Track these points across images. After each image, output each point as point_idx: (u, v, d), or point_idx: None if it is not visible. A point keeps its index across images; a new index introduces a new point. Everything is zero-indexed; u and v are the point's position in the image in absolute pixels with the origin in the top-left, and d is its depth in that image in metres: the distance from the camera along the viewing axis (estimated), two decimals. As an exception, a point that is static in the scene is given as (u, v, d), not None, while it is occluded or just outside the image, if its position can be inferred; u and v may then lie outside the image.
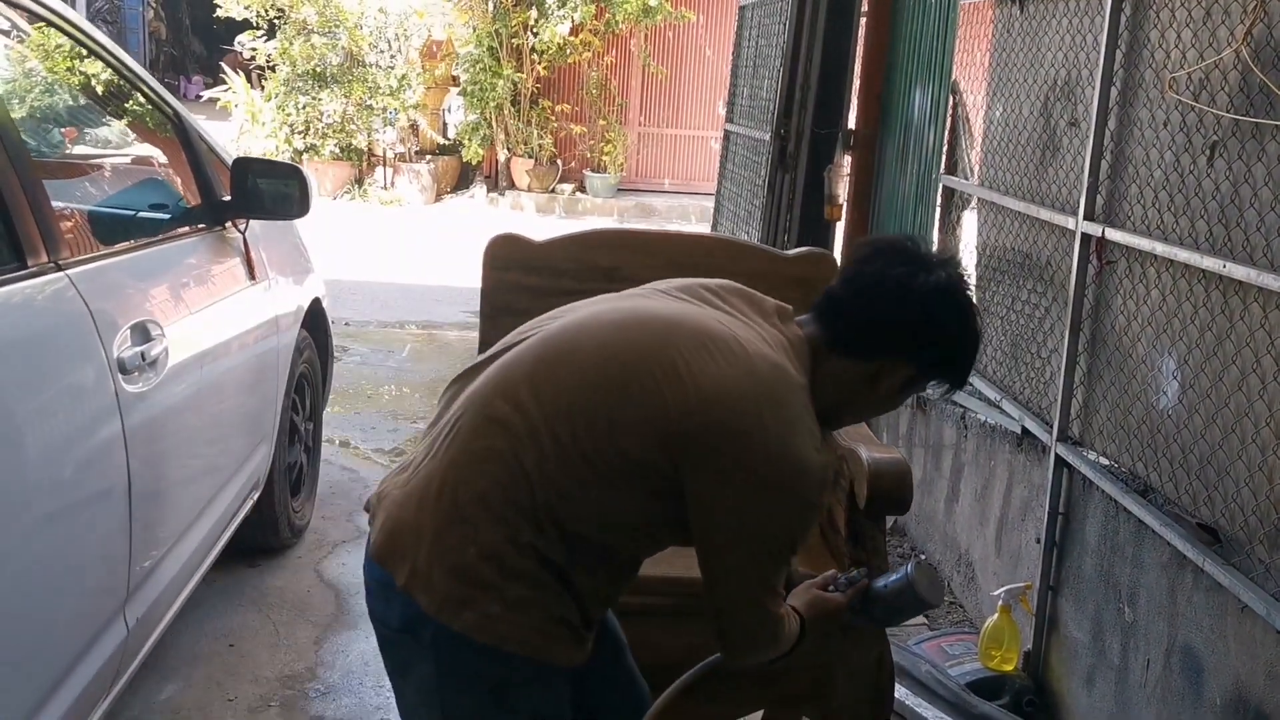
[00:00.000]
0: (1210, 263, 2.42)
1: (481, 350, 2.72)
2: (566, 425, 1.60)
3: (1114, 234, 2.85)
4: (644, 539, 1.73)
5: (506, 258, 2.72)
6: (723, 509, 1.59)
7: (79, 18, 2.74)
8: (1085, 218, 2.99)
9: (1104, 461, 2.93)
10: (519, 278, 2.72)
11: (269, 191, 3.07)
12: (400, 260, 9.47)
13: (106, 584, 2.17)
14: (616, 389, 1.60)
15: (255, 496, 3.34)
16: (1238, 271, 2.32)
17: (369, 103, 12.80)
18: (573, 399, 1.61)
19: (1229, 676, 2.32)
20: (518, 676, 1.64)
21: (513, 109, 13.13)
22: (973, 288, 1.83)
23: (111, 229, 2.94)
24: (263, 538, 3.63)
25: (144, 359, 2.30)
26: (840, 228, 4.96)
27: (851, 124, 5.03)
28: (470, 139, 13.04)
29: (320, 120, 12.81)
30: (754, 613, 1.69)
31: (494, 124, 13.15)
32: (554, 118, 13.42)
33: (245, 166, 3.06)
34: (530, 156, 13.33)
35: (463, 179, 14.08)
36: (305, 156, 12.57)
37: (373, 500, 1.74)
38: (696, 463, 1.58)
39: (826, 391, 1.70)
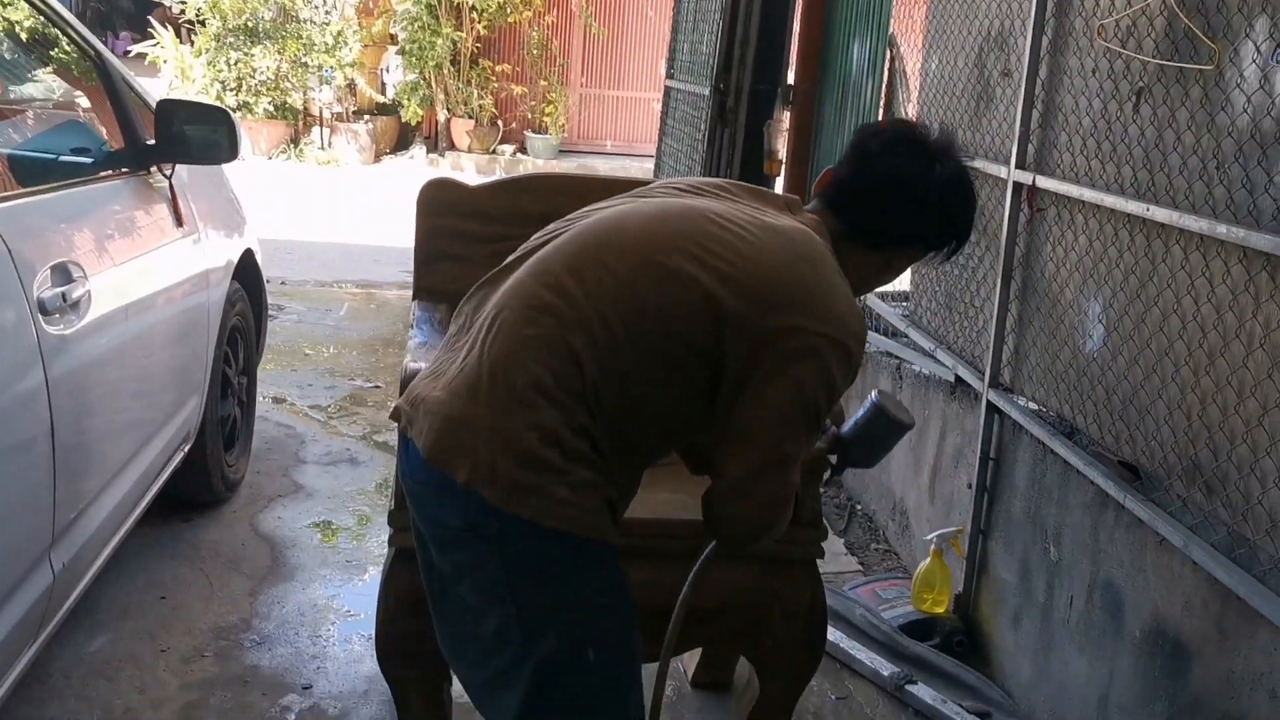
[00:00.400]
0: (1135, 207, 2.46)
1: (415, 296, 2.70)
2: (615, 310, 1.61)
3: (1045, 181, 2.89)
4: (663, 435, 1.75)
5: (440, 202, 2.70)
6: (772, 377, 1.60)
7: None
8: (1017, 166, 3.02)
9: (1033, 406, 2.99)
10: (454, 223, 2.70)
11: (195, 136, 3.01)
12: (338, 220, 9.35)
13: (30, 528, 2.14)
14: (664, 274, 1.61)
15: (186, 449, 3.29)
16: (1160, 214, 2.37)
17: (304, 60, 12.56)
18: (620, 285, 1.62)
19: (1148, 609, 2.39)
20: (586, 559, 1.66)
21: (452, 69, 12.96)
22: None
23: (31, 172, 2.87)
24: (195, 491, 3.58)
25: (65, 300, 2.25)
26: (780, 183, 4.97)
27: (790, 79, 5.03)
28: (409, 99, 12.86)
29: (253, 77, 12.54)
30: (781, 484, 1.67)
31: (433, 84, 12.97)
32: (494, 78, 13.27)
33: (170, 109, 2.99)
34: (470, 117, 13.18)
35: (402, 140, 13.89)
36: (238, 114, 12.32)
37: (404, 407, 1.71)
38: (747, 335, 1.59)
39: (843, 273, 1.74)
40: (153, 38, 12.96)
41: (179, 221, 3.11)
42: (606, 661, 1.69)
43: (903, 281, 4.39)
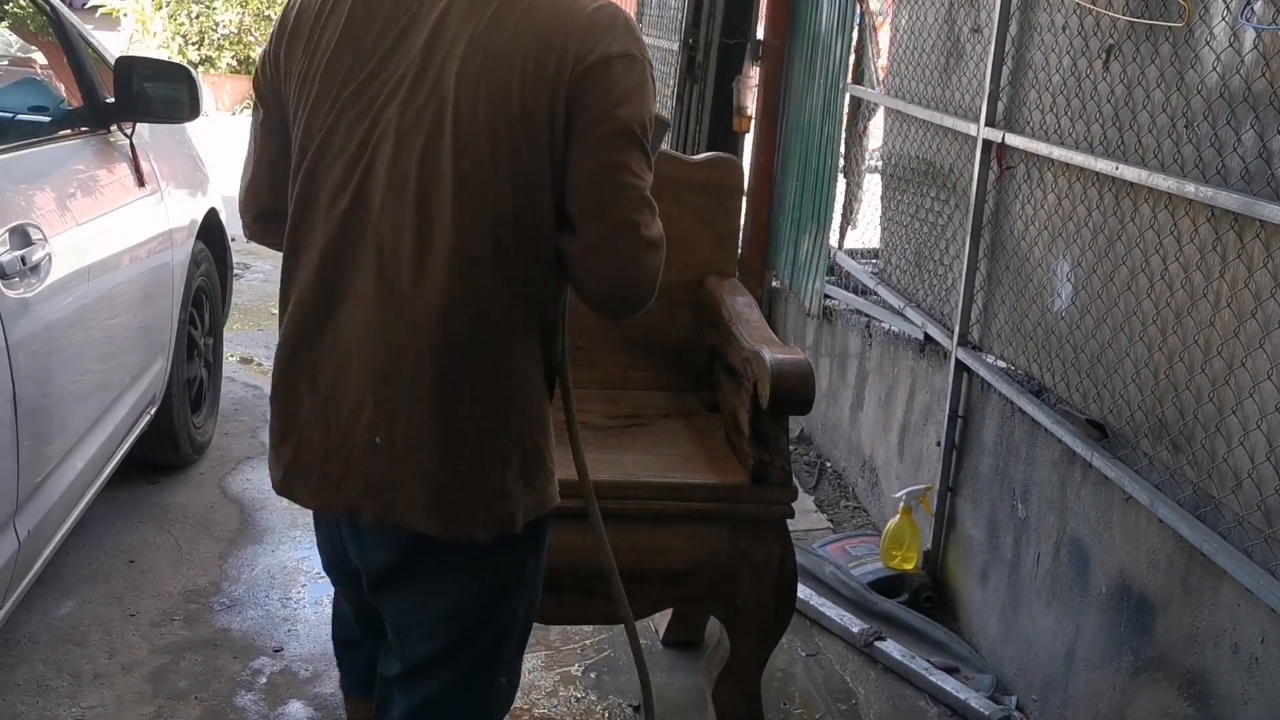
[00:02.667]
0: (1104, 165, 2.46)
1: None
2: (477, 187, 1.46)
3: (1014, 139, 2.89)
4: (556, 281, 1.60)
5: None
6: (615, 106, 1.44)
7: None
8: (987, 124, 3.01)
9: (1002, 365, 3.01)
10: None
11: (156, 94, 2.95)
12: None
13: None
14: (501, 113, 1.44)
15: (153, 411, 3.26)
16: (1129, 173, 2.37)
17: (268, 13, 12.34)
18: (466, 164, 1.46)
19: (1114, 565, 2.42)
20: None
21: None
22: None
23: (-14, 131, 2.81)
24: (163, 454, 3.55)
25: (24, 263, 2.21)
26: (749, 139, 4.94)
27: (760, 35, 4.98)
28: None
29: (215, 31, 12.32)
30: (650, 218, 1.52)
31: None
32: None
33: (129, 67, 2.93)
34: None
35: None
36: (200, 69, 12.10)
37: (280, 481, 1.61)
38: (584, 90, 1.43)
39: None
40: (111, -10, 12.70)
41: (140, 181, 3.06)
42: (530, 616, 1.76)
43: (872, 239, 4.40)
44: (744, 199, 2.86)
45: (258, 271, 6.23)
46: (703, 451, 2.44)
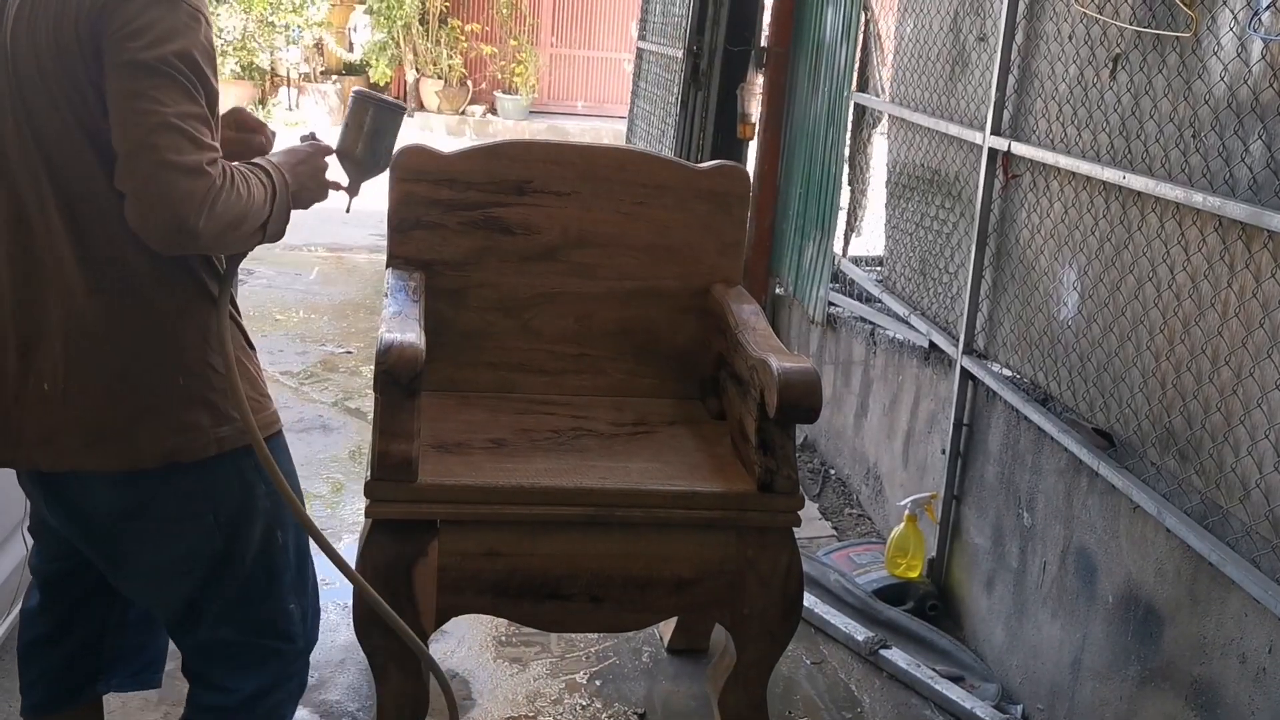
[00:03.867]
0: (1111, 174, 2.46)
1: (390, 264, 2.68)
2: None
3: (1020, 148, 2.89)
4: None
5: (415, 169, 2.67)
6: (132, 39, 1.50)
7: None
8: (992, 132, 3.02)
9: (1007, 373, 3.00)
10: (428, 190, 2.67)
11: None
12: (306, 182, 9.23)
13: (4, 500, 2.11)
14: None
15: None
16: (1137, 182, 2.37)
17: (270, 19, 12.36)
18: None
19: (1121, 574, 2.41)
20: None
21: (421, 28, 12.79)
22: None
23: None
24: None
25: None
26: (753, 146, 4.94)
27: (764, 42, 4.99)
28: (377, 59, 12.70)
29: (219, 37, 12.32)
30: (178, 143, 1.49)
31: (402, 43, 12.80)
32: (464, 37, 13.12)
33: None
34: (440, 77, 13.04)
35: (370, 100, 13.71)
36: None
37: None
38: (104, 23, 1.50)
39: None
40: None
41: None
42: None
43: (877, 246, 4.40)
44: (750, 205, 2.86)
45: (261, 277, 6.23)
46: (709, 459, 2.44)
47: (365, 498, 2.20)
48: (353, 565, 2.22)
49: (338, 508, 3.60)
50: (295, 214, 1.74)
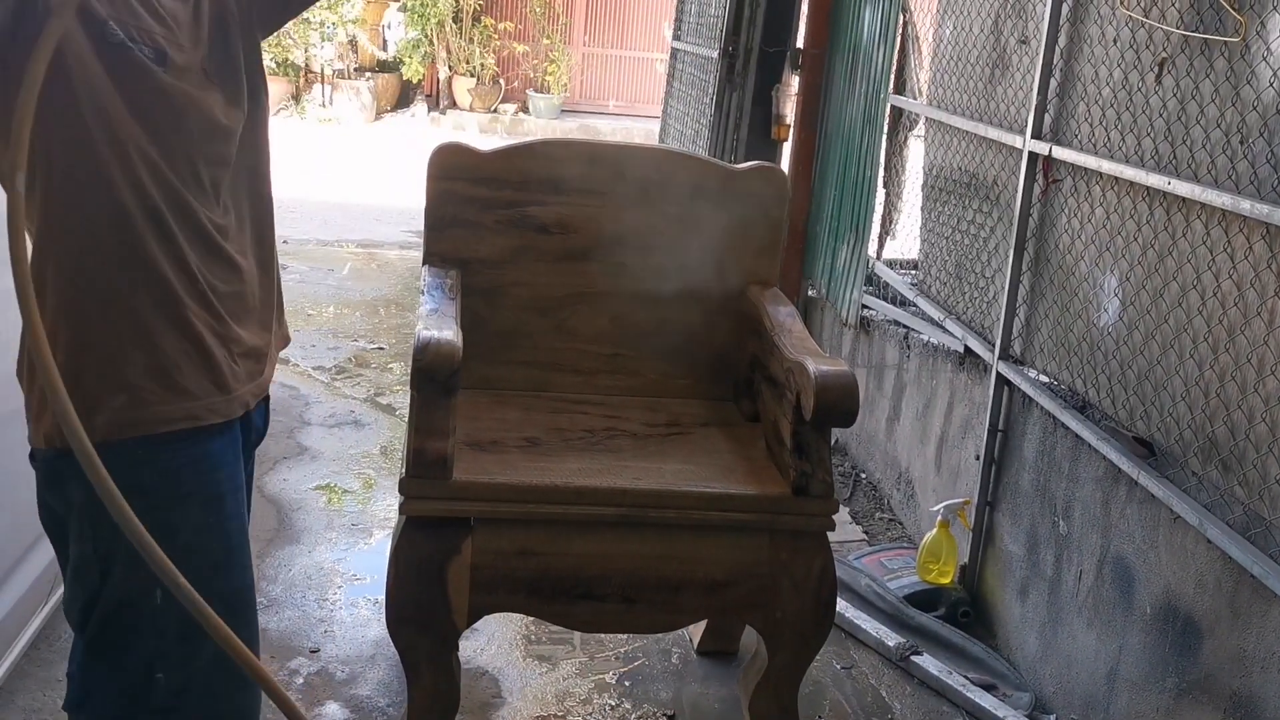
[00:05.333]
0: (1155, 180, 2.43)
1: (426, 260, 2.68)
2: None
3: (1061, 152, 2.86)
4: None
5: (452, 167, 2.67)
6: None
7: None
8: (1033, 136, 2.99)
9: (1044, 379, 2.97)
10: (464, 188, 2.67)
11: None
12: (340, 179, 9.28)
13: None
14: None
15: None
16: (1182, 188, 2.34)
17: (306, 16, 12.43)
18: None
19: (1159, 585, 2.38)
20: None
21: (454, 26, 12.83)
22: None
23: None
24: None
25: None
26: (787, 148, 4.92)
27: (800, 43, 4.97)
28: (411, 56, 12.75)
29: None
30: None
31: (435, 41, 12.85)
32: (497, 36, 13.15)
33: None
34: (472, 75, 13.07)
35: (403, 97, 13.79)
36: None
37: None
38: None
39: None
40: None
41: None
42: None
43: (911, 250, 4.37)
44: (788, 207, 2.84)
45: (294, 272, 6.27)
46: (743, 461, 2.43)
47: (400, 494, 2.20)
48: (382, 556, 2.21)
49: (369, 504, 3.61)
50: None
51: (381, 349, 5.18)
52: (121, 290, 1.47)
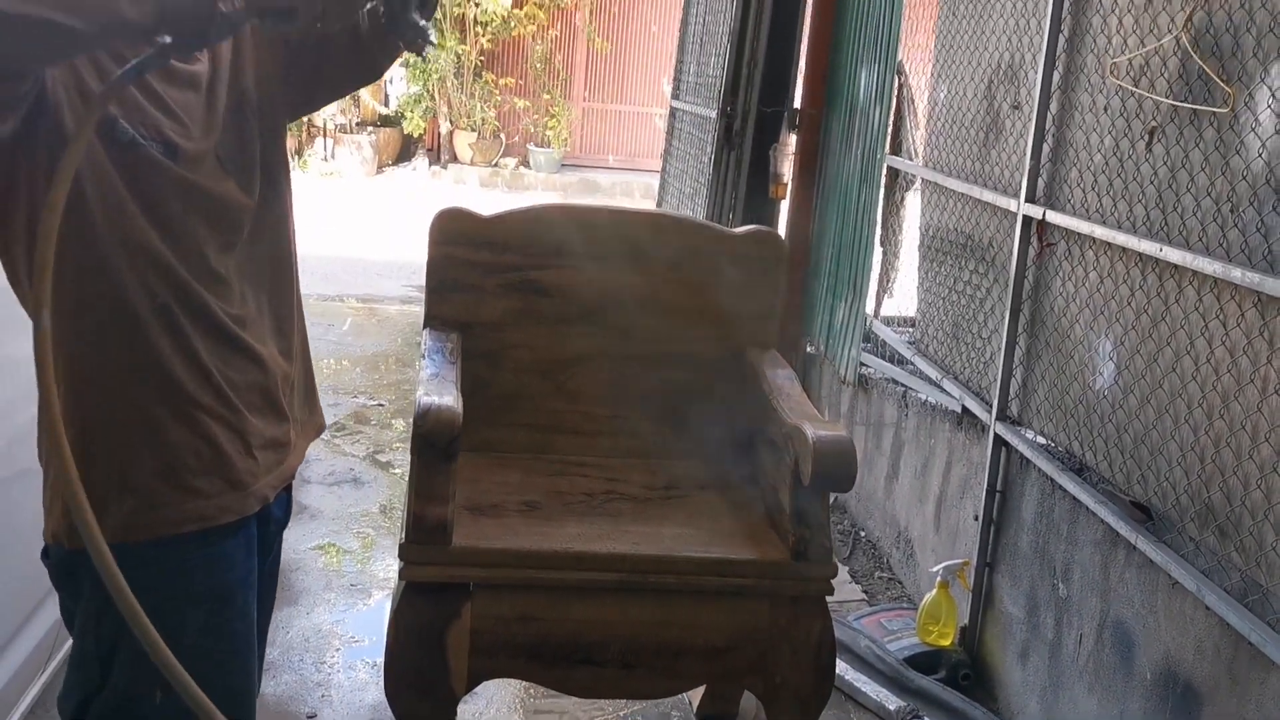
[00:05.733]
0: (1147, 246, 2.46)
1: (427, 324, 2.70)
2: None
3: (1055, 216, 2.90)
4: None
5: (453, 232, 2.70)
6: None
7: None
8: (1027, 200, 3.03)
9: (1041, 440, 2.99)
10: (466, 253, 2.70)
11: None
12: (341, 233, 9.34)
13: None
14: None
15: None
16: (1174, 255, 2.37)
17: (309, 72, 12.57)
18: None
19: (1159, 651, 2.38)
20: None
21: (456, 81, 12.98)
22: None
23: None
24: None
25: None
26: (785, 206, 4.97)
27: (797, 103, 5.03)
28: (412, 111, 12.89)
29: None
30: None
31: (436, 96, 12.99)
32: (498, 91, 13.30)
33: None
34: (473, 130, 13.21)
35: (404, 151, 13.92)
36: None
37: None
38: None
39: None
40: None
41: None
42: None
43: (909, 306, 4.40)
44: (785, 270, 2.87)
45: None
46: (742, 525, 2.44)
47: (399, 560, 2.21)
48: (380, 618, 2.21)
49: (368, 563, 3.61)
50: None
51: (381, 405, 5.19)
52: (130, 390, 1.45)
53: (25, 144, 1.33)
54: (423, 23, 1.42)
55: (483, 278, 2.70)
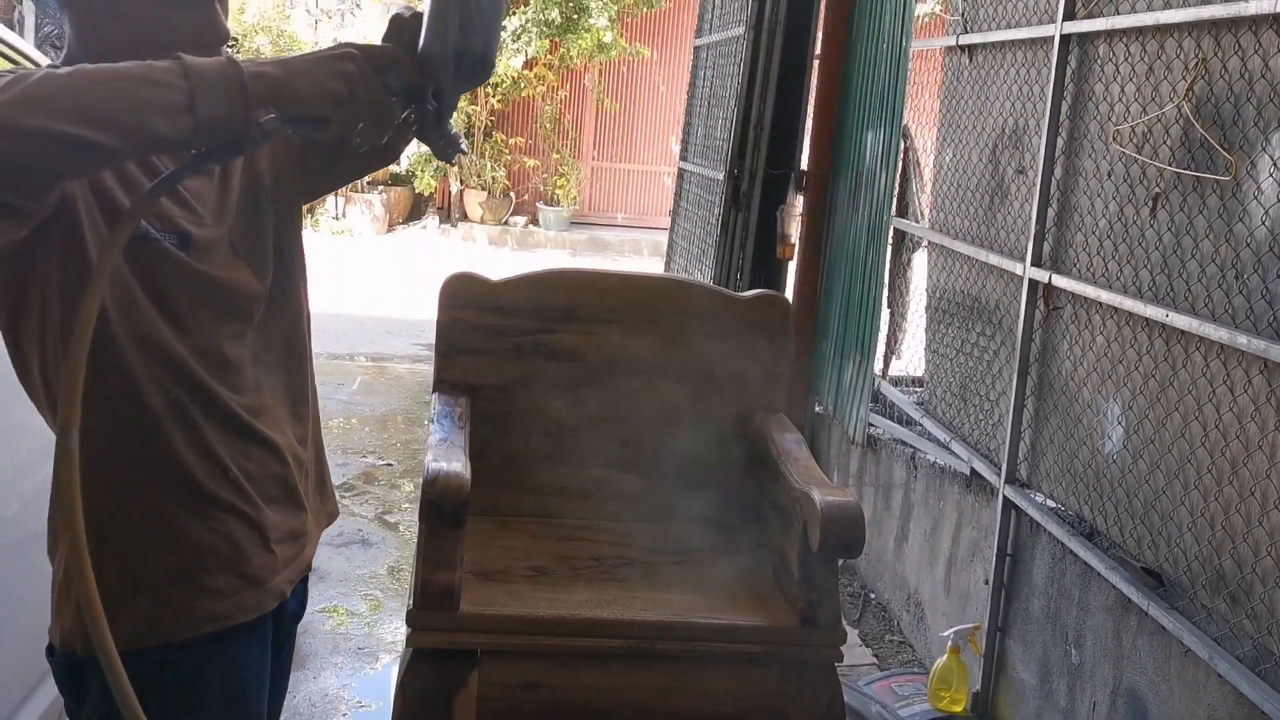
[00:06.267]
0: (1153, 311, 2.47)
1: (436, 388, 2.72)
2: None
3: (1061, 280, 2.91)
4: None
5: (462, 295, 2.72)
6: None
7: None
8: (1033, 264, 3.05)
9: (1051, 504, 2.98)
10: (475, 317, 2.72)
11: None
12: (351, 291, 9.41)
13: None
14: None
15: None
16: (1180, 321, 2.38)
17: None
18: None
19: (1172, 719, 2.36)
20: None
21: (466, 141, 13.12)
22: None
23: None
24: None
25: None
26: (792, 267, 5.00)
27: (804, 165, 5.09)
28: (423, 170, 13.02)
29: (272, 149, 12.69)
30: None
31: (447, 155, 13.12)
32: (508, 150, 13.45)
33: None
34: (483, 188, 13.33)
35: (415, 210, 14.04)
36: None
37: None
38: None
39: None
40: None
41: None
42: None
43: (916, 366, 4.41)
44: (792, 334, 2.89)
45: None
46: (750, 590, 2.42)
47: (407, 626, 2.20)
48: (387, 681, 2.20)
49: (375, 626, 3.59)
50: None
51: (390, 465, 5.19)
52: (145, 489, 1.41)
53: (43, 244, 1.32)
54: (453, 130, 1.39)
55: (492, 341, 2.71)
